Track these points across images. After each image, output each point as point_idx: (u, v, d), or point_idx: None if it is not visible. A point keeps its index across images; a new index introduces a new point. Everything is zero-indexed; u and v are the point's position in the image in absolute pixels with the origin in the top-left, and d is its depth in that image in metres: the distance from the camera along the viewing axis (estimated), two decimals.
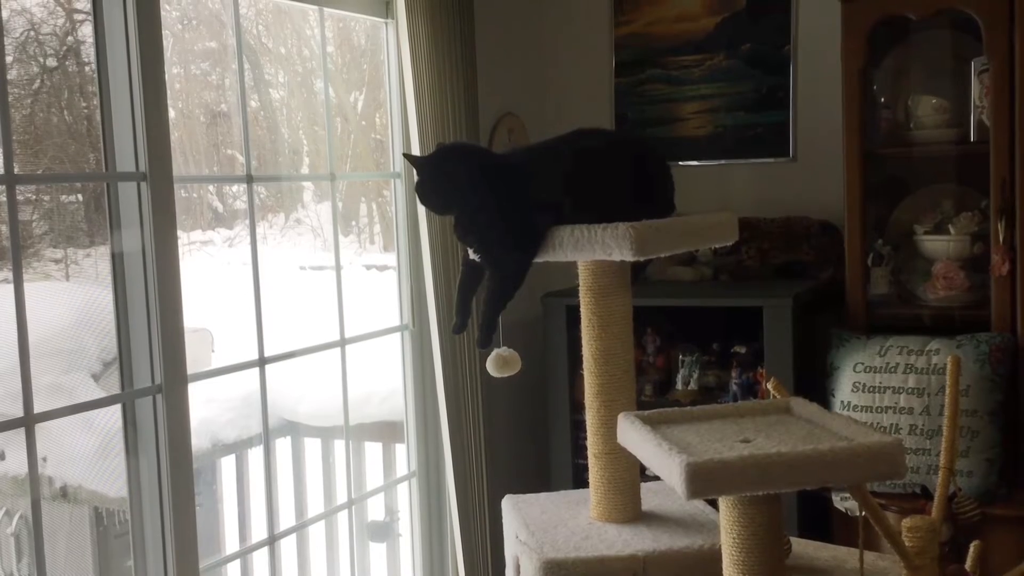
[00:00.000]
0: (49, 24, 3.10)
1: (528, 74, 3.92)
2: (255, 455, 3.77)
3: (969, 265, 3.10)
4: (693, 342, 3.45)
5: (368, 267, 4.79)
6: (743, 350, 3.28)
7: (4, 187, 2.08)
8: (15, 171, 2.09)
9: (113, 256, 2.36)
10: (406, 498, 3.37)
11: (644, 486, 2.16)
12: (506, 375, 2.21)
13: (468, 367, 3.11)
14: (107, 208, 2.37)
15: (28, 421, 2.11)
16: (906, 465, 1.59)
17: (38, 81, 3.13)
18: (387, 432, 3.69)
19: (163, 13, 2.35)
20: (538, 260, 2.03)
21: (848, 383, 2.99)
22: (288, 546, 3.56)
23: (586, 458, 2.14)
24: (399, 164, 3.22)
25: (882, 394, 2.93)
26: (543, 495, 2.29)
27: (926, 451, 2.85)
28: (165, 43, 2.36)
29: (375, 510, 3.59)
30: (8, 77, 2.08)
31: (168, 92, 2.35)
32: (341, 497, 3.48)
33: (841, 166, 3.12)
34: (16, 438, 2.18)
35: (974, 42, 3.00)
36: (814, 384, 3.08)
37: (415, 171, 2.09)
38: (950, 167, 3.22)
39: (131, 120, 2.30)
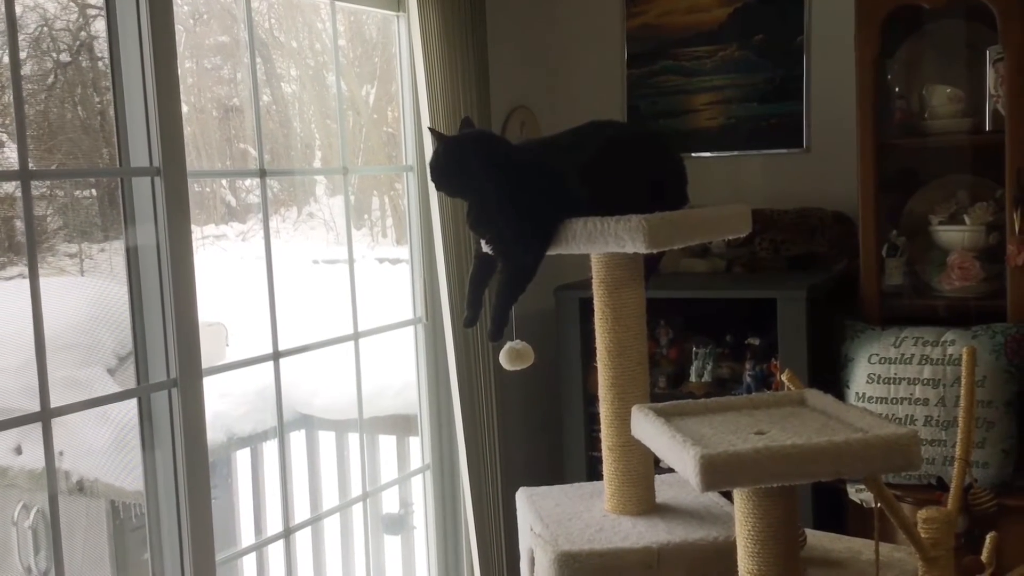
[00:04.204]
0: (62, 19, 3.11)
1: (540, 67, 3.91)
2: (270, 448, 3.78)
3: (984, 255, 3.08)
4: (706, 334, 3.44)
5: (381, 261, 4.79)
6: (757, 342, 3.27)
7: (19, 182, 2.09)
8: (30, 166, 2.09)
9: (128, 251, 2.37)
10: (420, 491, 3.38)
11: (658, 478, 2.16)
12: (519, 368, 2.21)
13: (482, 360, 3.11)
14: (121, 203, 2.38)
15: (44, 415, 2.12)
16: (921, 456, 1.58)
17: (51, 76, 3.14)
18: (401, 425, 3.70)
19: (175, 8, 2.36)
20: (551, 252, 2.02)
21: (863, 374, 2.98)
22: (303, 539, 3.57)
23: (600, 450, 2.14)
24: (411, 157, 3.22)
25: (897, 385, 2.92)
26: (557, 488, 2.29)
27: (941, 442, 2.84)
28: (177, 38, 2.37)
29: (389, 503, 3.60)
30: (22, 72, 2.09)
31: (180, 87, 2.36)
32: (356, 490, 3.49)
33: (855, 157, 3.11)
34: (33, 432, 2.19)
35: (989, 31, 2.98)
36: (828, 376, 3.07)
37: (434, 146, 2.08)
38: (965, 157, 3.20)
39: (144, 115, 2.31)
